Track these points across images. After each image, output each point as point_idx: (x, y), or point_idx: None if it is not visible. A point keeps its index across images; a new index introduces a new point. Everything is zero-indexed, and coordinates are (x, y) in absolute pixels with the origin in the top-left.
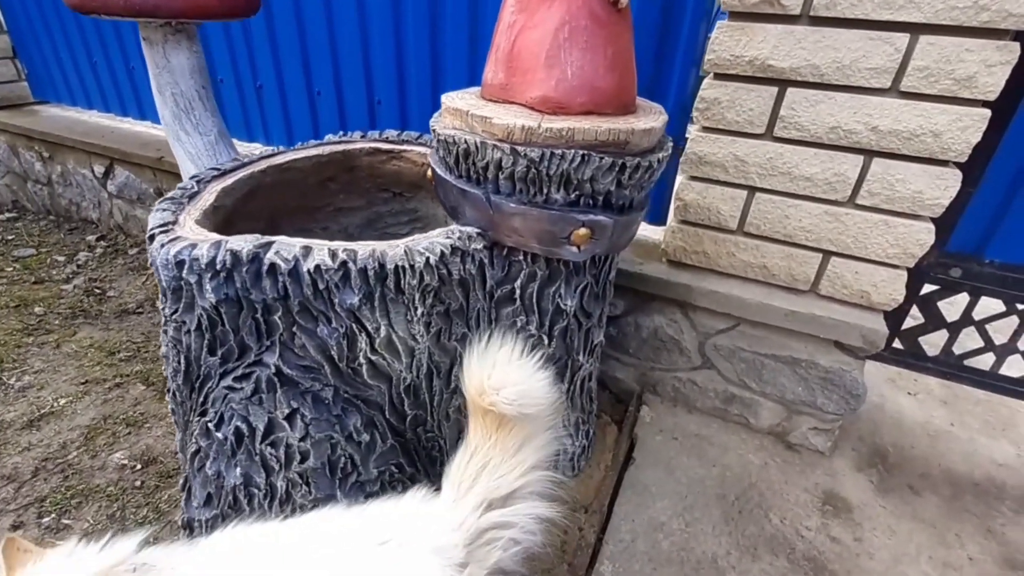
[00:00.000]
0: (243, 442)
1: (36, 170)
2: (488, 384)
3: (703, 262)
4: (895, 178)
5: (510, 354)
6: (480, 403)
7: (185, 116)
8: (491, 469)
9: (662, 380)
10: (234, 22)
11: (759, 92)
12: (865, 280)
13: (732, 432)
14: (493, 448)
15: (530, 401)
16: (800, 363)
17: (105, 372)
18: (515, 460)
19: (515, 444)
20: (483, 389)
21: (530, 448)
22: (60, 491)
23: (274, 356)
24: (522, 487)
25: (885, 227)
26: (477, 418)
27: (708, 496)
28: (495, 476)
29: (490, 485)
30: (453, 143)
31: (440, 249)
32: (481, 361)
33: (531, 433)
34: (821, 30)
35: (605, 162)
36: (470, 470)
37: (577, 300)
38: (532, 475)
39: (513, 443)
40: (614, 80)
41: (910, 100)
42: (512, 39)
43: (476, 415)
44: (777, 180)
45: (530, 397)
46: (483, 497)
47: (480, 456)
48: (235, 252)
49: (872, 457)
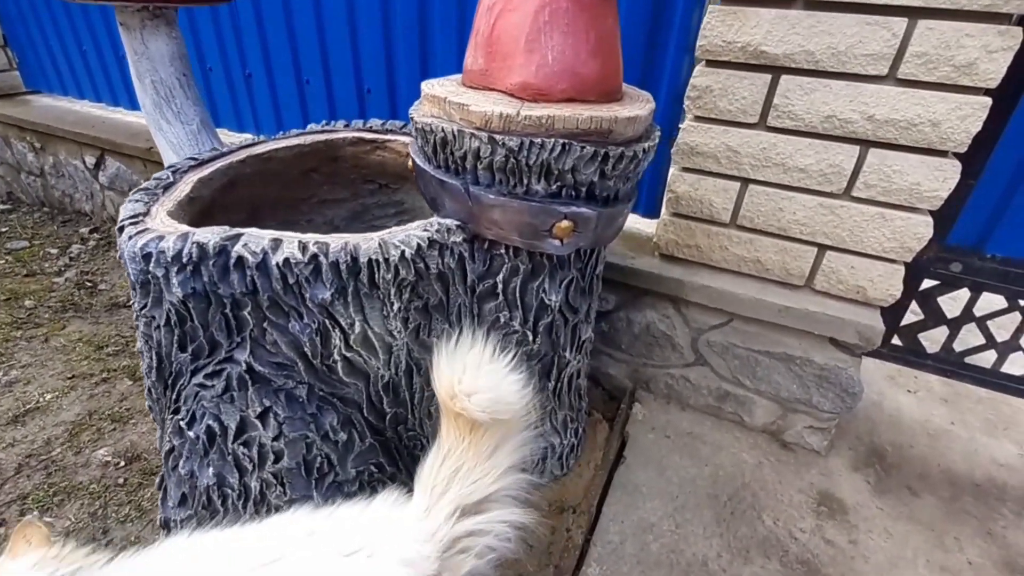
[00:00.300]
0: (215, 441)
1: (29, 161)
2: (459, 389)
3: (696, 256)
4: (892, 169)
5: (480, 356)
6: (451, 407)
7: (166, 104)
8: (465, 473)
9: (655, 377)
10: (221, 8)
11: (752, 80)
12: (861, 275)
13: (726, 430)
14: (467, 451)
15: (503, 407)
16: (795, 360)
17: (92, 367)
18: (490, 463)
19: (489, 447)
20: (454, 393)
21: (505, 450)
22: (43, 488)
23: (245, 353)
24: (497, 491)
25: (882, 220)
26: (449, 419)
27: (700, 496)
28: (469, 481)
29: (464, 491)
30: (431, 131)
31: (417, 242)
32: (451, 362)
33: (506, 435)
34: (816, 14)
35: (587, 152)
36: (443, 473)
37: (562, 295)
38: (508, 479)
39: (487, 446)
40: (597, 66)
41: (908, 88)
42: (491, 22)
43: (448, 416)
44: (771, 171)
45: (503, 403)
46: (457, 504)
47: (453, 459)
48: (202, 245)
49: (869, 457)
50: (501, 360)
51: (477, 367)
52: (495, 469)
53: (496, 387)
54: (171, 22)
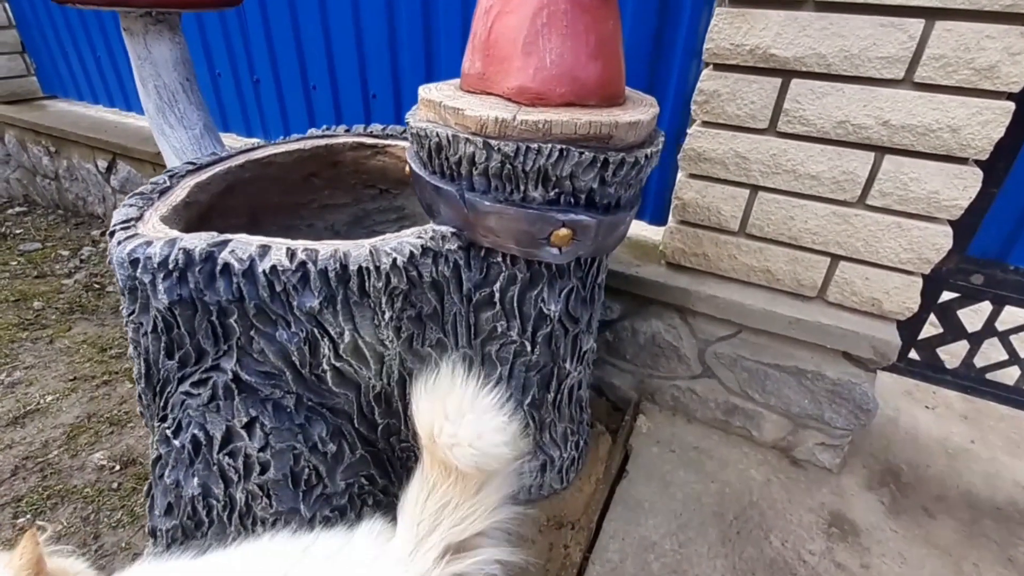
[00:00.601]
0: (200, 451)
1: (44, 164)
2: (439, 440)
3: (703, 265)
4: (909, 177)
5: (462, 400)
6: (433, 450)
7: (169, 109)
8: (452, 509)
9: (660, 388)
10: (230, 15)
11: (761, 84)
12: (876, 287)
13: (733, 445)
14: (453, 487)
15: (488, 460)
16: (806, 374)
17: (94, 369)
18: (478, 499)
19: (477, 483)
20: (434, 440)
21: (495, 484)
22: (37, 491)
23: (231, 361)
24: (488, 527)
25: (898, 230)
26: (433, 457)
27: (705, 514)
28: (457, 517)
29: (452, 529)
30: (425, 136)
31: (409, 250)
32: (431, 402)
33: (495, 471)
34: (828, 16)
35: (585, 158)
36: (429, 508)
37: (562, 305)
38: (498, 514)
39: (475, 482)
40: (597, 69)
41: (925, 92)
42: (489, 25)
43: (431, 454)
44: (781, 178)
45: (488, 456)
46: (446, 543)
47: (439, 494)
48: (188, 251)
49: (884, 476)
50: (485, 402)
51: (459, 414)
52: (485, 504)
53: (480, 439)
54: (174, 27)
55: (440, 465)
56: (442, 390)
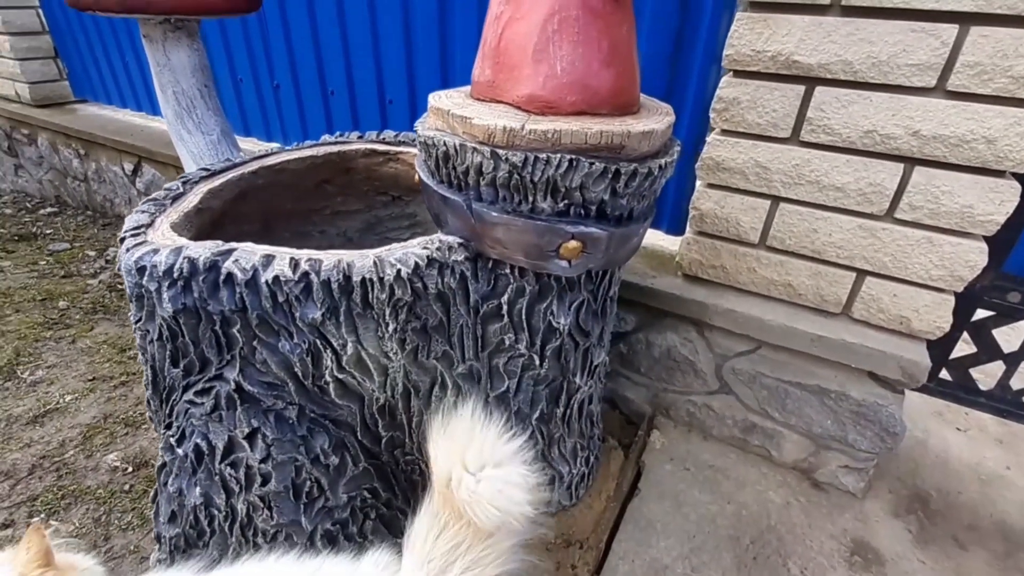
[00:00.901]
0: (203, 460)
1: (74, 167)
2: (457, 494)
3: (721, 277)
4: (940, 190)
5: (482, 448)
6: (448, 497)
7: (187, 115)
8: (465, 550)
9: (675, 403)
10: (251, 21)
11: (783, 91)
12: (905, 304)
13: (751, 465)
14: (466, 528)
15: (508, 518)
16: (829, 394)
17: (113, 369)
18: (491, 542)
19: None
20: (450, 488)
21: (509, 531)
22: (52, 491)
23: (234, 371)
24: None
25: (929, 245)
26: (448, 500)
27: (719, 537)
28: (469, 560)
29: (465, 573)
30: (433, 145)
31: (415, 261)
32: (449, 448)
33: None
34: (854, 21)
35: (596, 168)
36: (440, 547)
37: (572, 318)
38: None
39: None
40: (610, 77)
41: (959, 101)
42: (499, 32)
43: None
44: (804, 189)
45: (509, 514)
46: None
47: (451, 534)
48: (193, 260)
49: (911, 502)
50: (506, 450)
51: (479, 465)
52: (498, 549)
53: (500, 496)
54: (192, 34)
55: (452, 505)
56: (461, 435)
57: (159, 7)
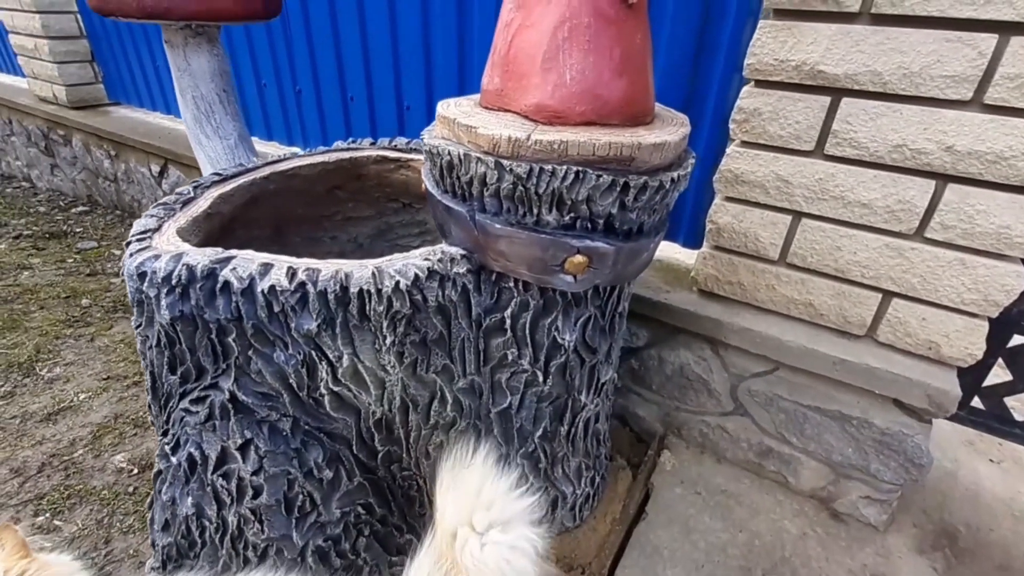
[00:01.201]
0: (196, 470)
1: (105, 167)
2: (461, 558)
3: (737, 294)
4: (974, 209)
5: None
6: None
7: (206, 119)
8: None
9: (688, 423)
10: (275, 28)
11: (808, 102)
12: (934, 329)
13: (766, 491)
14: None
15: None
16: (851, 420)
17: (127, 369)
18: None
19: None
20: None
21: None
22: (59, 490)
23: (229, 381)
24: None
25: (961, 267)
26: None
27: (730, 568)
28: None
29: None
30: (437, 154)
31: (414, 273)
32: (456, 498)
33: None
34: (884, 30)
35: (603, 181)
36: None
37: (578, 334)
38: None
39: None
40: (622, 87)
41: (996, 115)
42: (509, 39)
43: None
44: (827, 205)
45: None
46: None
47: None
48: (191, 267)
49: (938, 538)
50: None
51: (486, 526)
52: None
53: (507, 565)
54: (213, 39)
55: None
56: (470, 488)
57: (178, 13)
